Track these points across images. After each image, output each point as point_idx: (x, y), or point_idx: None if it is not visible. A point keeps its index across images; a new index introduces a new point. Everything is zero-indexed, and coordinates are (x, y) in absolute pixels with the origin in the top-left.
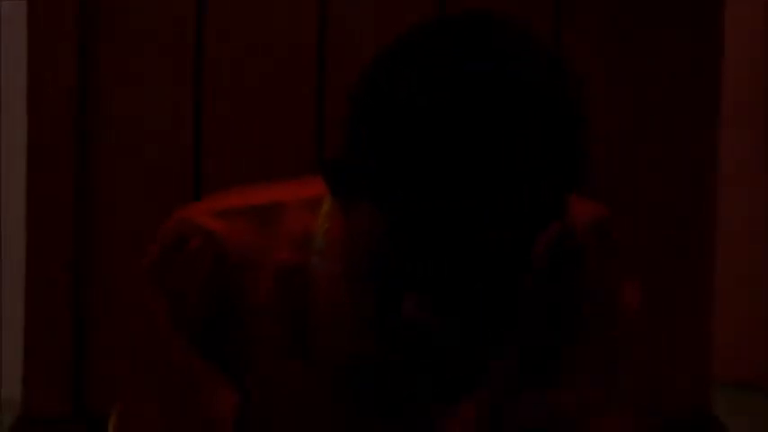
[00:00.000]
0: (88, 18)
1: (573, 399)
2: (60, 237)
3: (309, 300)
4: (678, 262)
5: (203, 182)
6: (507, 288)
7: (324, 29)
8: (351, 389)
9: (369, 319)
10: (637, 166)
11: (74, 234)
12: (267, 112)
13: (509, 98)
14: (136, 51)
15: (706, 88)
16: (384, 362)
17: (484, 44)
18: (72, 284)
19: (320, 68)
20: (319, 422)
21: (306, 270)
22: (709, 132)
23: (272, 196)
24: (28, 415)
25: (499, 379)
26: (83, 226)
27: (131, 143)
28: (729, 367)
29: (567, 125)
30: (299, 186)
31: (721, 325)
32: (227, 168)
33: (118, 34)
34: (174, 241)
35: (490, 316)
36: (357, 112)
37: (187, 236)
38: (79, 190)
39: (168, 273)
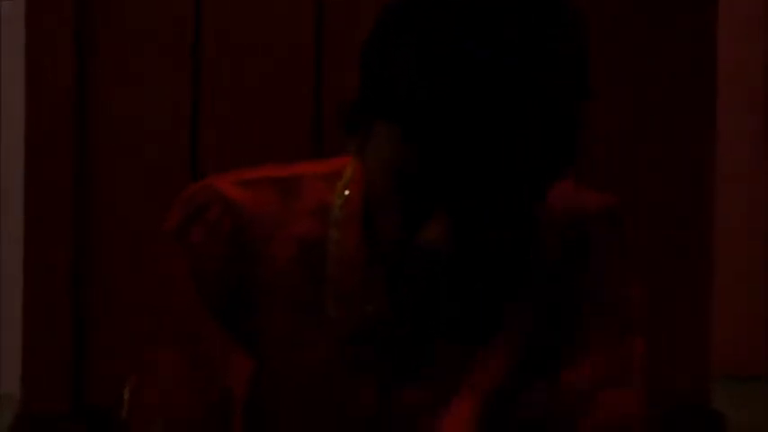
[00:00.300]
0: (86, 19)
1: (587, 374)
2: (59, 236)
3: (327, 270)
4: (678, 261)
5: None
6: (523, 219)
7: (321, 29)
8: (365, 358)
9: (384, 279)
10: (636, 166)
11: (73, 233)
12: (265, 111)
13: (526, 22)
14: (134, 51)
15: (704, 88)
16: (400, 326)
17: None
18: (71, 283)
19: (318, 68)
20: (332, 392)
21: (323, 242)
22: (708, 132)
23: (292, 170)
24: (27, 412)
25: (510, 358)
26: (82, 225)
27: (130, 143)
28: (728, 361)
29: (578, 45)
30: (319, 163)
31: (720, 321)
32: (226, 168)
33: (116, 34)
34: (195, 207)
35: (506, 250)
36: (381, 40)
37: (208, 203)
38: (78, 189)
39: (189, 238)
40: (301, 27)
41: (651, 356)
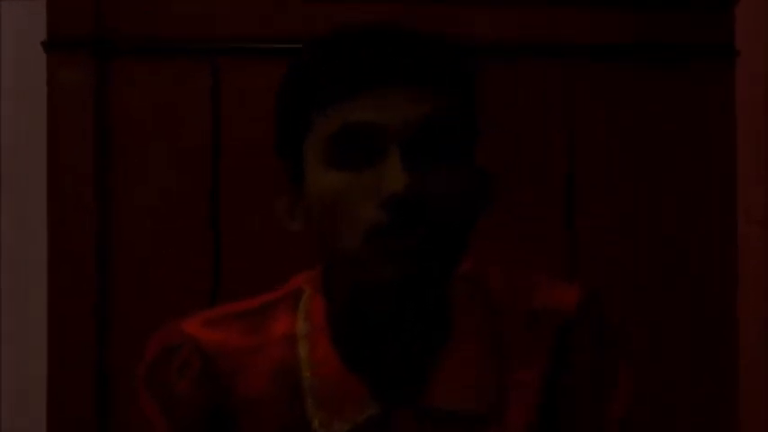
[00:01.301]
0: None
1: None
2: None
3: (303, 385)
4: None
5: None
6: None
7: None
8: None
9: (362, 379)
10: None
11: (95, 327)
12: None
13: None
14: (153, 153)
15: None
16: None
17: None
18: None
19: None
20: None
21: (296, 362)
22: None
23: (254, 302)
24: None
25: None
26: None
27: (152, 233)
28: None
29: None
30: (281, 287)
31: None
32: (246, 267)
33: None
34: (165, 350)
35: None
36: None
37: (176, 344)
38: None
39: (160, 380)
40: None
41: None
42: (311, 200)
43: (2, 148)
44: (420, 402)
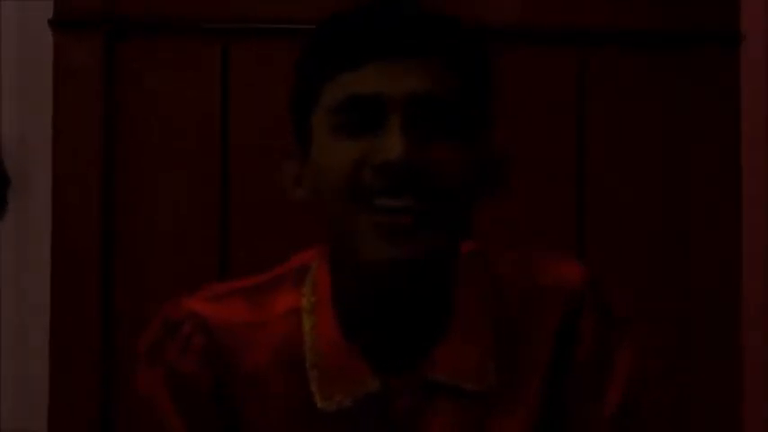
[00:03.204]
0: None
1: None
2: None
3: (307, 361)
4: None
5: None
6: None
7: None
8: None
9: (365, 355)
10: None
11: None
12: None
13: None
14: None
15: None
16: (391, 394)
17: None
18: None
19: None
20: None
21: (299, 337)
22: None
23: (260, 278)
24: None
25: None
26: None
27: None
28: None
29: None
30: (287, 263)
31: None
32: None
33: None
34: (168, 326)
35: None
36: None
37: (179, 321)
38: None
39: (164, 356)
40: None
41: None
42: (315, 167)
43: (2, 121)
44: (421, 376)
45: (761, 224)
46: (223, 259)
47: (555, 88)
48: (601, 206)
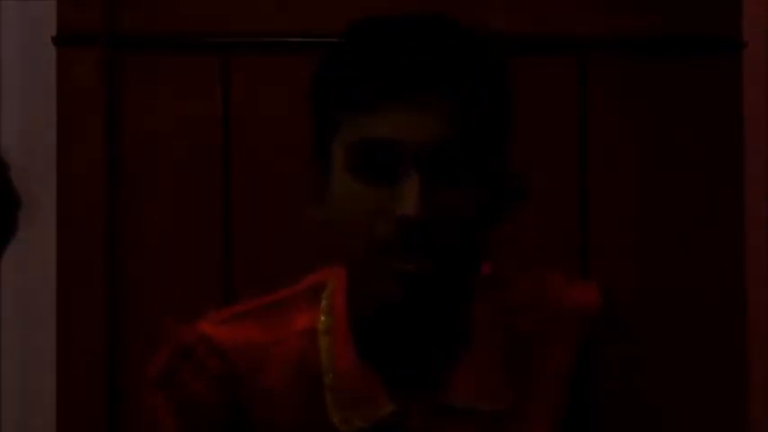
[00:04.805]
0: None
1: None
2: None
3: (324, 381)
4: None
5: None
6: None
7: None
8: None
9: (381, 378)
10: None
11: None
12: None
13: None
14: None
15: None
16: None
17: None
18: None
19: None
20: None
21: (316, 356)
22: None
23: (274, 297)
24: None
25: None
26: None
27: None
28: None
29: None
30: (301, 282)
31: None
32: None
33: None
34: (180, 351)
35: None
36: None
37: (192, 345)
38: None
39: (177, 381)
40: None
41: None
42: (334, 200)
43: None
44: (438, 401)
45: (764, 230)
46: (227, 268)
47: (556, 97)
48: (604, 213)
